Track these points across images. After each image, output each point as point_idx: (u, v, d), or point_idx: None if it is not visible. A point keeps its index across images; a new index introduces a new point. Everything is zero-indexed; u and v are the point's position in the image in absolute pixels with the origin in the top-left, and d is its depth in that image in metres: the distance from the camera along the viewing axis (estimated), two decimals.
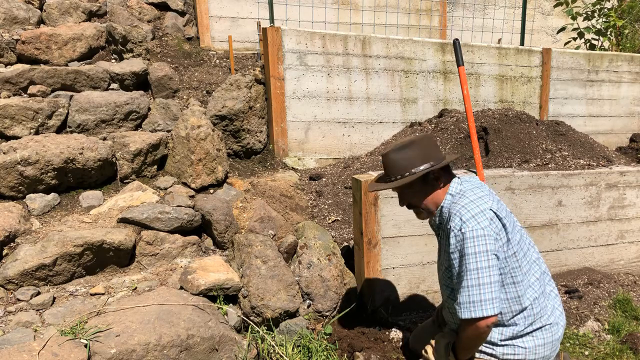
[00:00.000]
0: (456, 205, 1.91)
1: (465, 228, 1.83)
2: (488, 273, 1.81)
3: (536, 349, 1.95)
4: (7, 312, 2.32)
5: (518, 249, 1.91)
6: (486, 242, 1.82)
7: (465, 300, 1.83)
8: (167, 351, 2.19)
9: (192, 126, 3.29)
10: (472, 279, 1.82)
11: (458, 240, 1.86)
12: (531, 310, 1.94)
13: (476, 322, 1.83)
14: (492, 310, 1.79)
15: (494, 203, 1.91)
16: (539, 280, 1.99)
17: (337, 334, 2.62)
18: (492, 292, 1.80)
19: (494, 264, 1.82)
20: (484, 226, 1.82)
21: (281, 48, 3.96)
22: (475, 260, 1.81)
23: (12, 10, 4.19)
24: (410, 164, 1.92)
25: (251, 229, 3.04)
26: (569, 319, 3.06)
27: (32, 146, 2.98)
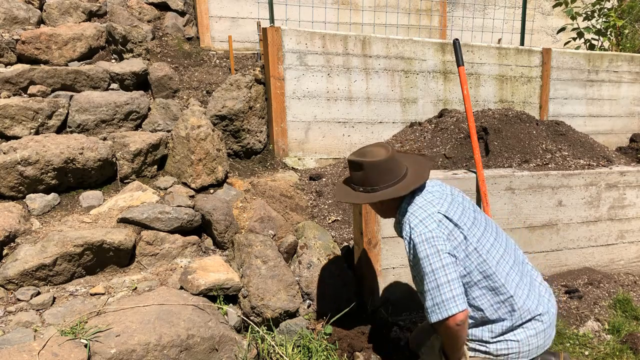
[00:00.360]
0: (407, 213, 1.97)
1: (414, 234, 1.88)
2: (444, 272, 1.83)
3: (529, 340, 1.95)
4: (7, 312, 2.32)
5: (479, 245, 1.92)
6: (435, 244, 1.85)
7: (429, 305, 1.85)
8: (167, 351, 2.19)
9: (192, 126, 3.29)
10: (430, 282, 1.84)
11: (410, 247, 1.91)
12: (515, 302, 1.94)
13: (445, 323, 1.84)
14: (456, 307, 1.81)
15: (445, 205, 1.94)
16: (514, 270, 1.99)
17: (337, 334, 2.62)
18: (452, 291, 1.82)
19: (448, 262, 1.84)
20: (432, 229, 1.86)
21: (281, 48, 3.96)
22: (429, 263, 1.84)
23: (12, 10, 4.19)
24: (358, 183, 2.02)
25: (251, 229, 3.04)
26: (569, 319, 3.06)
27: (32, 146, 2.98)
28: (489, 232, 2.01)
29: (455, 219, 1.91)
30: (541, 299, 2.01)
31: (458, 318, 1.81)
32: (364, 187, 2.01)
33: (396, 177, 1.99)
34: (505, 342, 1.96)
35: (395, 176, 1.99)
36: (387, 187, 1.98)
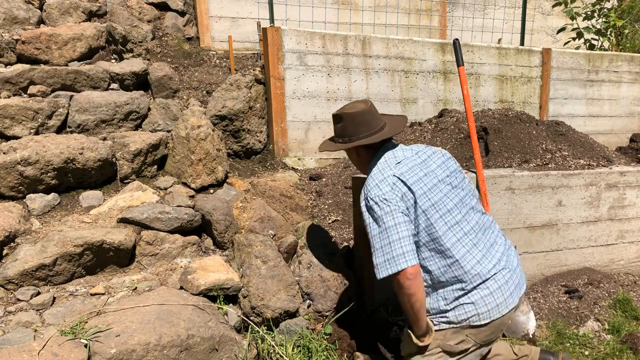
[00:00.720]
0: (369, 174, 2.11)
1: (369, 195, 1.99)
2: (395, 230, 1.91)
3: (484, 300, 1.97)
4: (7, 312, 2.32)
5: (431, 209, 1.98)
6: (389, 204, 1.94)
7: (380, 261, 1.92)
8: (167, 351, 2.19)
9: (192, 126, 3.29)
10: (382, 240, 1.92)
11: (364, 208, 2.01)
12: (462, 266, 1.97)
13: (396, 278, 1.90)
14: (406, 263, 1.87)
15: (403, 168, 2.04)
16: (469, 236, 2.02)
17: (337, 334, 2.62)
18: (403, 247, 1.89)
19: (400, 221, 1.92)
20: (385, 192, 1.96)
21: (281, 48, 3.96)
22: (382, 222, 1.93)
23: (12, 10, 4.19)
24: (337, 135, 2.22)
25: (251, 229, 3.04)
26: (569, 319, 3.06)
27: (32, 146, 2.98)
28: (451, 199, 2.04)
29: (409, 182, 2.00)
30: (499, 261, 2.03)
31: (408, 272, 1.88)
32: (343, 138, 2.20)
33: (372, 128, 2.15)
34: (462, 307, 1.99)
35: (372, 128, 2.15)
36: (364, 137, 2.15)
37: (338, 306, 2.78)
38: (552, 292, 3.24)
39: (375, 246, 1.94)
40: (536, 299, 3.20)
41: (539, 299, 3.20)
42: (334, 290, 2.78)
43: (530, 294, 3.23)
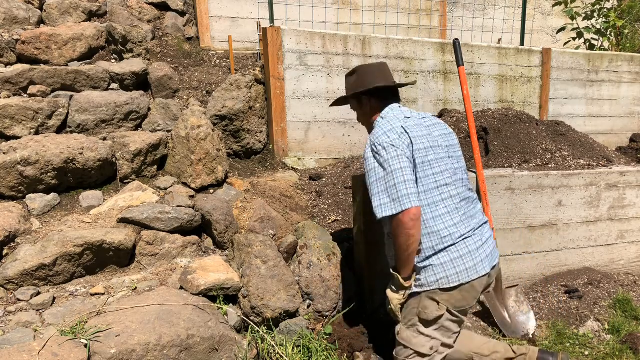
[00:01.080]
0: (376, 126, 2.19)
1: (376, 142, 2.06)
2: (402, 173, 1.98)
3: (453, 263, 2.03)
4: (7, 312, 2.32)
5: (421, 166, 2.06)
6: (396, 150, 2.02)
7: (385, 202, 1.99)
8: (167, 351, 2.19)
9: (192, 126, 3.29)
10: (388, 182, 1.98)
11: (369, 154, 2.08)
12: (435, 225, 2.05)
13: (398, 217, 1.96)
14: (411, 203, 1.94)
15: (409, 123, 2.13)
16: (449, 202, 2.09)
17: (337, 334, 2.62)
18: (408, 189, 1.96)
19: (405, 166, 2.00)
20: (393, 139, 2.04)
21: (281, 48, 3.96)
22: (388, 165, 2.00)
23: (12, 10, 4.19)
24: (350, 88, 2.33)
25: (251, 229, 3.04)
26: (569, 319, 3.06)
27: (32, 146, 2.98)
28: (445, 164, 2.12)
29: (412, 135, 2.08)
30: (472, 231, 2.10)
31: (412, 212, 1.94)
32: (357, 89, 2.29)
33: (388, 78, 2.29)
34: (431, 268, 2.05)
35: (387, 77, 2.29)
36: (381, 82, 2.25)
37: (338, 306, 2.78)
38: (552, 292, 3.24)
39: (380, 189, 2.01)
40: (536, 299, 3.20)
41: (539, 299, 3.20)
42: (334, 290, 2.78)
43: (530, 294, 3.23)
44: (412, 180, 1.99)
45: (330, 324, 2.67)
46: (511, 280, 3.20)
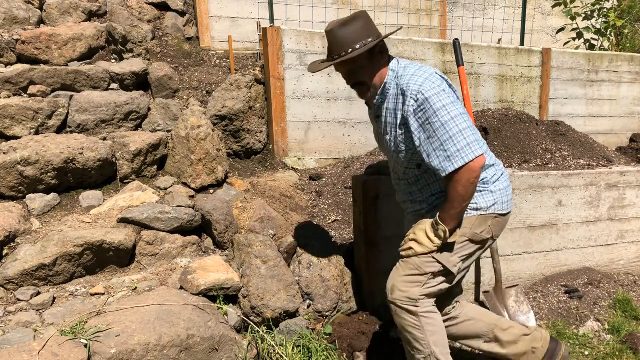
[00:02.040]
0: (403, 78, 1.98)
1: (424, 89, 1.88)
2: (463, 119, 1.88)
3: (503, 192, 2.09)
4: (7, 312, 2.32)
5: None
6: (448, 95, 1.90)
7: (452, 152, 1.85)
8: (167, 351, 2.19)
9: (192, 126, 3.29)
10: (451, 129, 1.85)
11: (420, 102, 1.89)
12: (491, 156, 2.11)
13: (467, 167, 1.86)
14: (479, 150, 1.87)
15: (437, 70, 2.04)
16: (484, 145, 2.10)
17: (337, 334, 2.62)
18: (473, 135, 1.88)
19: (463, 111, 1.90)
20: (439, 84, 1.90)
21: (281, 48, 3.96)
22: (447, 112, 1.86)
23: (12, 10, 4.19)
24: (357, 38, 1.95)
25: (251, 229, 3.04)
26: (569, 319, 3.06)
27: (32, 146, 2.98)
28: None
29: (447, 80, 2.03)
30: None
31: (481, 160, 1.87)
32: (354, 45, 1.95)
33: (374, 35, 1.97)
34: (490, 194, 2.06)
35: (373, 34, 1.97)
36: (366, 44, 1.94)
37: (338, 306, 2.78)
38: (552, 292, 3.24)
39: (442, 138, 1.85)
40: (536, 299, 3.20)
41: (539, 299, 3.20)
42: (334, 290, 2.78)
43: (530, 294, 3.23)
44: (472, 127, 1.89)
45: (330, 324, 2.67)
46: (511, 280, 3.20)
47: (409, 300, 2.02)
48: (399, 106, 1.99)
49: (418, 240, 2.02)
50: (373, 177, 2.79)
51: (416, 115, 1.91)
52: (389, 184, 2.82)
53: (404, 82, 1.95)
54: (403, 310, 2.04)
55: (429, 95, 1.87)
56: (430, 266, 2.02)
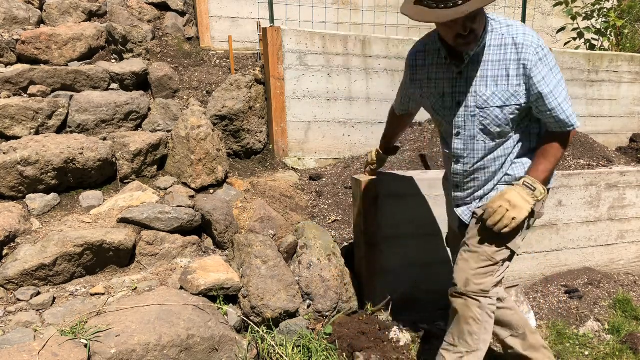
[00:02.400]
0: (513, 28, 1.87)
1: (542, 43, 1.83)
2: (564, 85, 1.89)
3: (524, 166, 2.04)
4: (7, 312, 2.32)
5: None
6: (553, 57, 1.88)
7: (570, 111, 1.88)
8: (167, 351, 2.19)
9: (192, 126, 3.29)
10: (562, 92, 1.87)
11: (542, 56, 1.83)
12: None
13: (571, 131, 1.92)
14: None
15: None
16: None
17: (337, 334, 2.62)
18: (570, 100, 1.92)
19: None
20: None
21: (281, 48, 3.96)
22: (556, 73, 1.86)
23: (12, 10, 4.19)
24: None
25: (251, 229, 3.04)
26: (569, 319, 3.06)
27: (32, 146, 2.98)
28: None
29: None
30: None
31: None
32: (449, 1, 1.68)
33: None
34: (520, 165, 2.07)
35: None
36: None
37: (338, 306, 2.78)
38: (552, 292, 3.24)
39: (563, 94, 1.86)
40: (536, 298, 3.20)
41: (539, 299, 3.20)
42: (334, 290, 2.78)
43: (530, 294, 3.23)
44: None
45: (330, 324, 2.67)
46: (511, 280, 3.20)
47: (483, 292, 1.99)
48: (509, 56, 1.85)
49: (516, 206, 1.88)
50: (373, 177, 2.80)
51: (542, 64, 1.84)
52: (389, 184, 2.83)
53: (517, 33, 1.84)
54: (474, 302, 1.99)
55: (547, 51, 1.84)
56: (501, 254, 1.99)
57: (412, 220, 2.90)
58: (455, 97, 2.00)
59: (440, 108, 2.07)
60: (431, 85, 2.07)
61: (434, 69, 2.06)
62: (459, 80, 1.97)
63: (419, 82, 2.13)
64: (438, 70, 2.04)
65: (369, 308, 2.85)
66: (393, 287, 2.93)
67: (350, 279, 2.89)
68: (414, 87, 2.17)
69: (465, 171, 2.07)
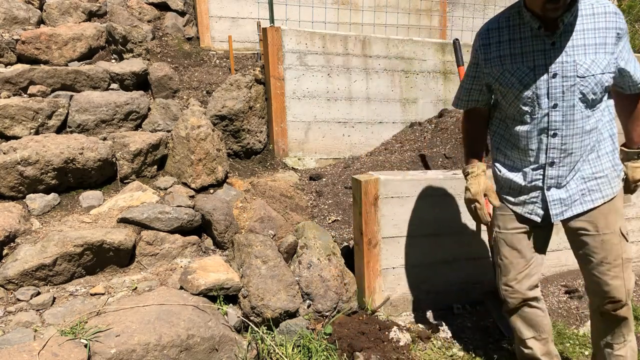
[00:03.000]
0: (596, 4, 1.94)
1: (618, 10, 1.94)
2: None
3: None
4: (7, 312, 2.32)
5: None
6: None
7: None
8: (167, 351, 2.19)
9: (192, 126, 3.29)
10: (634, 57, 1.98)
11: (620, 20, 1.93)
12: None
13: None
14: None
15: None
16: None
17: (337, 334, 2.62)
18: None
19: None
20: None
21: (281, 48, 3.96)
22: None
23: (12, 10, 4.19)
24: None
25: (251, 229, 3.04)
26: (569, 319, 3.06)
27: (32, 146, 2.98)
28: None
29: None
30: None
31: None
32: None
33: None
34: None
35: None
36: None
37: (338, 306, 2.78)
38: (552, 292, 3.24)
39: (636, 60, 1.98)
40: None
41: None
42: (334, 290, 2.78)
43: None
44: None
45: (330, 324, 2.67)
46: None
47: None
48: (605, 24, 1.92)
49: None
50: (373, 177, 2.80)
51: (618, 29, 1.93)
52: (389, 184, 2.83)
53: (606, 3, 1.93)
54: None
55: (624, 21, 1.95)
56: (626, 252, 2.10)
57: (412, 220, 2.90)
58: (549, 69, 1.96)
59: (530, 82, 1.99)
60: (517, 60, 2.01)
61: (518, 43, 2.01)
62: (552, 51, 1.95)
63: (497, 59, 2.07)
64: (525, 44, 1.99)
65: (369, 308, 2.85)
66: (393, 287, 2.93)
67: (350, 279, 2.89)
68: (489, 66, 2.10)
69: (564, 144, 2.03)
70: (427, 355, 2.63)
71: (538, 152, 2.06)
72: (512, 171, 2.16)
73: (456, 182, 2.96)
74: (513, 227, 2.20)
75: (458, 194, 2.96)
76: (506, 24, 2.04)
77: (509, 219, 2.20)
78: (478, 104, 2.27)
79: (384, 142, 4.42)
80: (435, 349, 2.70)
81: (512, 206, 2.19)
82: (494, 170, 2.27)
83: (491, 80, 2.12)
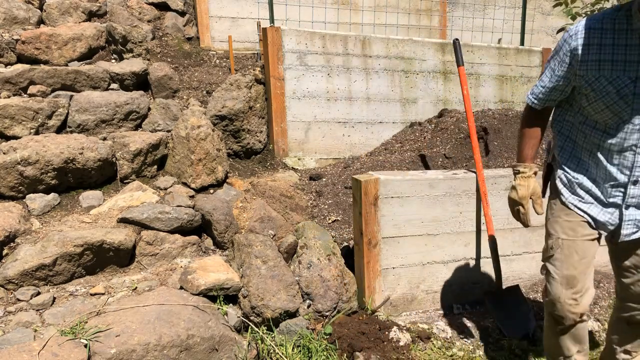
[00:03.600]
0: None
1: None
2: None
3: None
4: (7, 312, 2.32)
5: None
6: None
7: None
8: (167, 351, 2.19)
9: (192, 126, 3.29)
10: None
11: None
12: None
13: None
14: None
15: None
16: None
17: (337, 334, 2.62)
18: None
19: None
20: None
21: (281, 48, 3.96)
22: None
23: (12, 10, 4.19)
24: None
25: (251, 229, 3.04)
26: None
27: (32, 146, 2.98)
28: None
29: None
30: None
31: None
32: None
33: None
34: None
35: None
36: None
37: (338, 306, 2.78)
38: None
39: None
40: (536, 299, 3.20)
41: (539, 299, 3.20)
42: (334, 290, 2.78)
43: (530, 294, 3.23)
44: None
45: (330, 324, 2.67)
46: (511, 280, 3.20)
47: None
48: None
49: None
50: (373, 177, 2.80)
51: None
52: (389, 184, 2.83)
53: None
54: None
55: None
56: None
57: (412, 220, 2.90)
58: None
59: (628, 93, 1.82)
60: (618, 68, 1.81)
61: (622, 49, 1.81)
62: None
63: (595, 63, 1.84)
64: (631, 52, 1.80)
65: (369, 308, 2.85)
66: (393, 287, 2.93)
67: (350, 279, 2.89)
68: (584, 69, 1.86)
69: None
70: (427, 355, 2.63)
71: (619, 169, 1.90)
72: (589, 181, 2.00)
73: (456, 182, 2.96)
74: (584, 234, 2.00)
75: (458, 194, 2.96)
76: (611, 27, 1.82)
77: (578, 225, 2.01)
78: (553, 104, 2.08)
79: (384, 142, 4.42)
80: (435, 349, 2.70)
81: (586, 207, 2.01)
82: (560, 174, 2.08)
83: (583, 84, 1.89)
